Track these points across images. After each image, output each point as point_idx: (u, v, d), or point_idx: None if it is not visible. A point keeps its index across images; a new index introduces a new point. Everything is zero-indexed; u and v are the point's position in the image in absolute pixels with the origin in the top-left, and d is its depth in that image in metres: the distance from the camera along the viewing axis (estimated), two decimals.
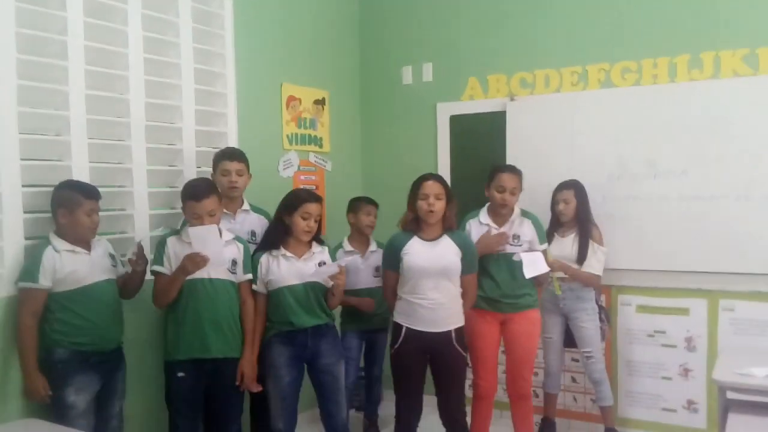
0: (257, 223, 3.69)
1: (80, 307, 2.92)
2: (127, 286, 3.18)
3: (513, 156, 4.40)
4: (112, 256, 3.12)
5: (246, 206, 3.67)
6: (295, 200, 3.38)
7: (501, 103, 4.58)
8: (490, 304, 3.68)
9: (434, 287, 3.32)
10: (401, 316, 3.41)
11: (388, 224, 4.58)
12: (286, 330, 3.33)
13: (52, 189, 2.97)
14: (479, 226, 3.74)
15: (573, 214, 4.00)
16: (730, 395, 3.27)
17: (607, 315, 4.08)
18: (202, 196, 3.15)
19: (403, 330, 3.38)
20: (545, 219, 3.98)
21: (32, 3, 3.03)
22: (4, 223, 2.91)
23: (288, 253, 3.34)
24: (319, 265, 3.36)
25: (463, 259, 3.39)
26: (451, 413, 3.43)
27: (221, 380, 3.27)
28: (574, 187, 4.01)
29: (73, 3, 3.18)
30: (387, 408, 4.85)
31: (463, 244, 3.43)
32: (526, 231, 3.74)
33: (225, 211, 3.51)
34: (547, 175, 4.09)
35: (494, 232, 3.70)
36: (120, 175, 3.46)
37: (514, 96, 4.55)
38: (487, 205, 3.81)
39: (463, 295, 3.45)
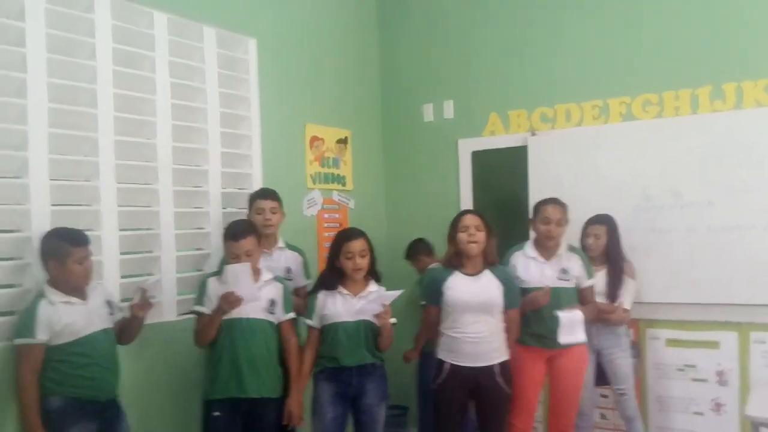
0: (293, 260, 3.78)
1: (76, 359, 2.84)
2: (125, 331, 3.10)
3: (536, 190, 4.40)
4: (109, 303, 3.04)
5: (281, 244, 3.76)
6: (335, 243, 3.43)
7: (522, 138, 4.60)
8: (537, 340, 3.63)
9: (475, 321, 3.32)
10: (444, 352, 3.41)
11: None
12: (332, 367, 3.35)
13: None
14: (525, 259, 3.69)
15: (602, 249, 3.93)
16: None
17: (637, 350, 4.01)
18: (240, 236, 3.22)
19: (446, 366, 3.37)
20: None
21: (63, 53, 3.13)
22: (32, 267, 2.96)
23: (344, 291, 3.37)
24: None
25: (506, 295, 3.39)
26: None
27: (257, 421, 3.27)
28: (606, 222, 3.95)
29: (102, 52, 3.27)
30: None
31: (506, 279, 3.43)
32: (574, 266, 3.69)
33: (263, 249, 3.59)
34: (571, 209, 4.05)
35: (540, 266, 3.65)
36: (148, 217, 3.52)
37: (535, 131, 4.57)
38: (532, 238, 3.79)
39: (507, 330, 3.43)
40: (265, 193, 3.68)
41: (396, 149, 5.18)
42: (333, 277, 3.41)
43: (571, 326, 3.53)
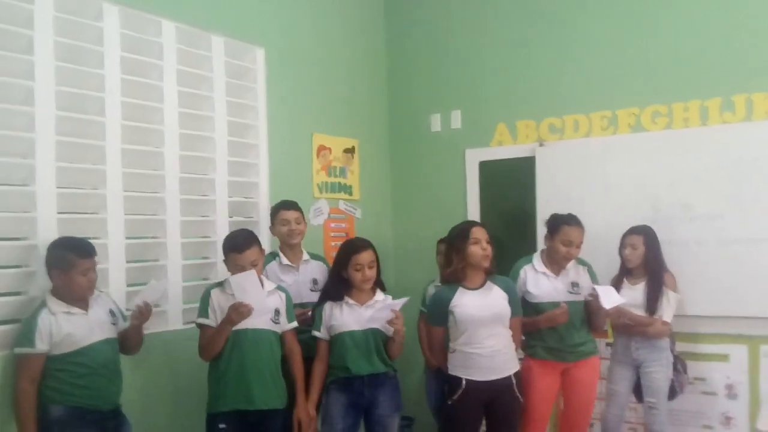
0: (318, 271, 3.82)
1: (77, 368, 2.82)
2: (127, 341, 3.07)
3: (544, 201, 4.38)
4: (112, 313, 3.01)
5: (306, 256, 3.79)
6: (342, 254, 3.41)
7: (530, 148, 4.58)
8: (552, 354, 3.60)
9: (490, 335, 3.28)
10: (459, 369, 3.32)
11: (421, 269, 4.61)
12: (343, 377, 3.32)
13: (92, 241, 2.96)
14: (535, 273, 3.68)
15: (641, 260, 3.86)
16: None
17: (684, 365, 3.88)
18: (244, 247, 3.18)
19: (463, 382, 3.29)
20: (595, 266, 3.87)
21: (71, 62, 3.13)
22: (38, 275, 2.95)
23: (351, 301, 3.36)
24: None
25: (510, 303, 3.36)
26: None
27: None
28: (643, 233, 3.87)
29: (110, 61, 3.27)
30: None
31: (508, 288, 3.41)
32: (583, 279, 3.69)
33: (289, 263, 3.68)
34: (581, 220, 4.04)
35: (551, 281, 3.65)
36: (154, 226, 3.51)
37: (543, 141, 4.55)
38: (540, 250, 3.77)
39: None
40: (289, 204, 3.73)
41: (403, 159, 5.17)
42: (339, 287, 3.40)
43: (608, 294, 3.52)
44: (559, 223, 3.67)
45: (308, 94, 4.45)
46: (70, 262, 2.81)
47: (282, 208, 3.71)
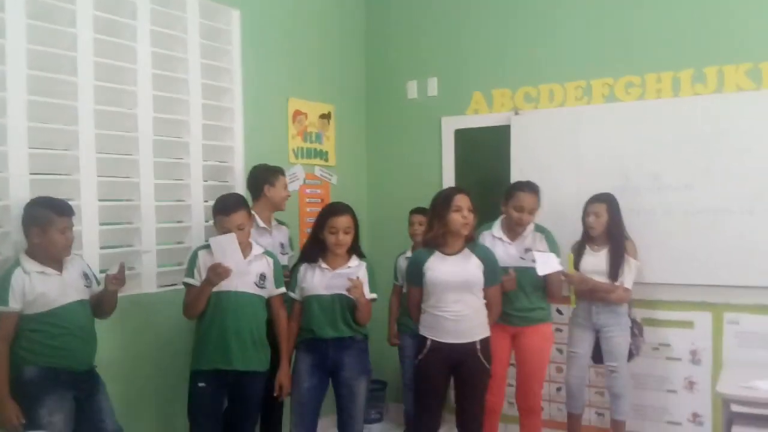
0: (284, 236, 3.94)
1: (50, 329, 2.82)
2: (101, 305, 3.06)
3: (518, 169, 4.42)
4: (86, 276, 3.02)
5: (274, 221, 3.87)
6: (321, 216, 3.43)
7: (506, 117, 4.61)
8: (501, 318, 3.66)
9: (457, 300, 3.34)
10: (426, 329, 3.43)
11: (395, 236, 4.64)
12: (310, 338, 3.38)
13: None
14: (492, 239, 3.77)
15: (603, 228, 3.92)
16: (735, 408, 3.28)
17: (640, 329, 3.99)
18: (231, 210, 3.23)
19: (428, 342, 3.39)
20: (561, 233, 3.93)
21: (43, 20, 3.08)
22: (12, 236, 2.94)
23: (324, 265, 3.39)
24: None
25: (485, 272, 3.40)
26: (469, 425, 3.43)
27: (241, 392, 3.31)
28: (606, 201, 3.93)
29: (82, 20, 3.22)
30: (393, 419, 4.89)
31: (485, 257, 3.45)
32: (539, 246, 3.75)
33: (265, 226, 3.74)
34: (552, 189, 4.09)
35: (505, 246, 3.74)
36: (128, 189, 3.49)
37: (518, 110, 4.58)
38: (501, 218, 3.83)
39: (488, 307, 3.46)
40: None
41: (379, 126, 5.17)
42: (315, 249, 3.43)
43: (546, 260, 3.59)
44: (513, 189, 3.75)
45: (284, 58, 4.42)
46: (49, 220, 2.80)
47: (282, 173, 3.85)
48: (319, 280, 3.37)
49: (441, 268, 3.36)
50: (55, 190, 3.09)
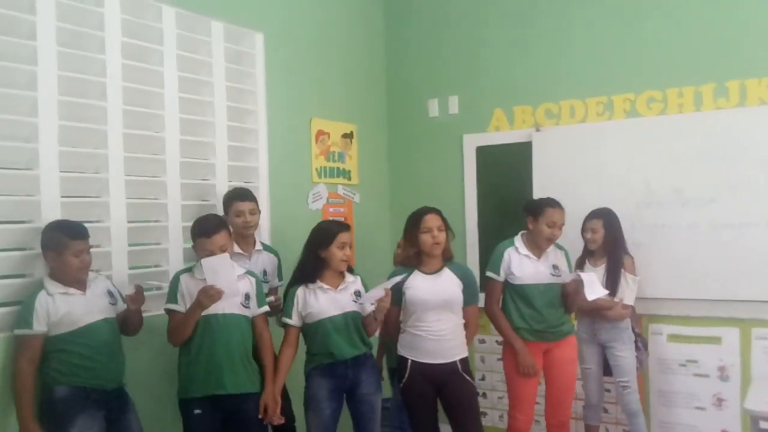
0: (268, 262, 3.76)
1: (77, 348, 2.85)
2: (126, 323, 3.10)
3: (540, 186, 4.43)
4: (110, 294, 3.05)
5: (259, 246, 3.74)
6: (328, 233, 3.40)
7: (527, 133, 4.62)
8: (535, 335, 3.68)
9: (437, 319, 3.36)
10: (405, 349, 3.45)
11: None
12: (327, 362, 3.34)
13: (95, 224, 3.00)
14: (519, 256, 3.74)
15: (601, 243, 3.97)
16: (763, 425, 3.23)
17: (644, 343, 4.02)
18: (213, 231, 3.13)
19: (409, 363, 3.41)
20: (572, 249, 3.98)
21: (73, 47, 3.16)
22: (43, 259, 2.98)
23: (324, 285, 3.36)
24: (356, 294, 3.40)
25: (465, 291, 3.43)
26: None
27: (239, 416, 3.22)
28: (602, 216, 3.98)
29: (111, 46, 3.31)
30: None
31: (464, 276, 3.48)
32: (562, 263, 3.78)
33: (241, 252, 3.58)
34: (575, 205, 4.06)
35: (534, 263, 3.74)
36: (155, 210, 3.56)
37: (539, 126, 4.60)
38: (521, 234, 3.83)
39: (466, 327, 3.48)
40: (244, 195, 3.61)
41: (401, 144, 5.21)
42: (315, 268, 3.37)
43: (591, 284, 3.58)
44: (542, 205, 3.75)
45: (307, 79, 4.49)
46: (63, 244, 2.84)
47: (236, 198, 3.59)
48: (326, 302, 3.33)
49: (421, 286, 3.39)
50: (85, 212, 3.16)
